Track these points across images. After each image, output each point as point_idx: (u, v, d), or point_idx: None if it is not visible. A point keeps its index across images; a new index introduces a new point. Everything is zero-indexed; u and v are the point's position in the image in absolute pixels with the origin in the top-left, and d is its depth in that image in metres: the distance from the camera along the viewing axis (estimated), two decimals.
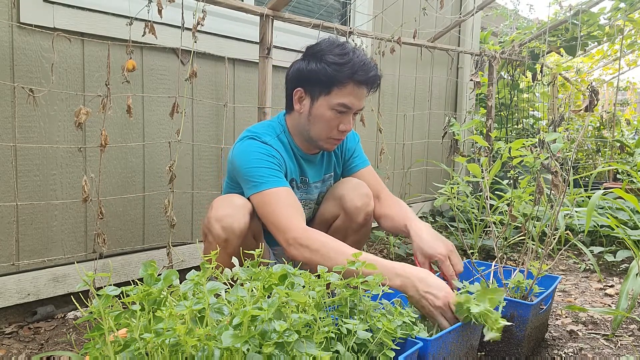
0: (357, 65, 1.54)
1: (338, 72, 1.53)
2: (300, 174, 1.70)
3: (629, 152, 4.07)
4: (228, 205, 1.49)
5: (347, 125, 1.58)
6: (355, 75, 1.53)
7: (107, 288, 0.87)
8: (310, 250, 1.33)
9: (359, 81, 1.55)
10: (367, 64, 1.57)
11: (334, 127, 1.58)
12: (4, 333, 1.69)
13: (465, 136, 3.72)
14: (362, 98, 1.59)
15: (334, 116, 1.57)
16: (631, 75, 25.04)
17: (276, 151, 1.58)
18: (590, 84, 1.65)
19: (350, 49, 1.58)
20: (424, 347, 1.09)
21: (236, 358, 0.80)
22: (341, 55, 1.55)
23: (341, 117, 1.58)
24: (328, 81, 1.54)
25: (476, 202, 2.88)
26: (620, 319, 1.70)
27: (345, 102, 1.55)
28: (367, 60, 1.58)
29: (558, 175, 1.48)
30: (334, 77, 1.53)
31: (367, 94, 1.61)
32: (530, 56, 3.85)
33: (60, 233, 1.85)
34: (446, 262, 1.51)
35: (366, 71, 1.55)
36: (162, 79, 2.08)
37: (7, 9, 1.66)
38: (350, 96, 1.55)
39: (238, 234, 1.46)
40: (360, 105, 1.59)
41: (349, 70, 1.53)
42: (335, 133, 1.60)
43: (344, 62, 1.53)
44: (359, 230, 1.70)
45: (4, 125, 1.69)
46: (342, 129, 1.59)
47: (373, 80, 1.59)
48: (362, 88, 1.57)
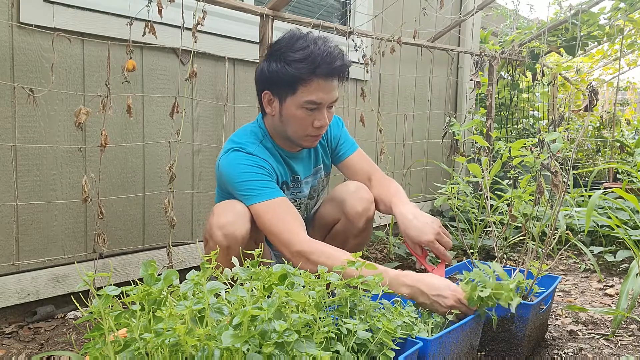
0: (318, 58, 1.46)
1: (299, 70, 1.46)
2: (291, 174, 1.68)
3: (629, 152, 4.07)
4: (230, 212, 1.47)
5: (321, 121, 1.53)
6: (318, 69, 1.46)
7: (107, 288, 0.87)
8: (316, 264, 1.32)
9: (324, 75, 1.47)
10: (330, 55, 1.48)
11: (309, 125, 1.54)
12: (4, 333, 1.69)
13: (465, 136, 3.72)
14: (331, 90, 1.52)
15: (305, 115, 1.52)
16: (631, 75, 25.05)
17: (263, 160, 1.55)
18: (589, 84, 1.65)
19: (310, 41, 1.50)
20: (424, 347, 1.09)
21: (236, 358, 0.80)
22: (300, 50, 1.48)
23: (313, 113, 1.52)
24: (291, 80, 1.48)
25: (476, 202, 2.88)
26: (620, 319, 1.70)
27: (313, 99, 1.49)
28: (331, 50, 1.49)
29: (558, 175, 1.48)
30: (296, 76, 1.47)
31: (339, 84, 1.54)
32: (530, 56, 3.85)
33: (60, 233, 1.85)
34: (436, 245, 1.53)
35: (329, 63, 1.47)
36: (162, 79, 2.08)
37: (7, 9, 1.66)
38: (318, 91, 1.49)
39: (240, 240, 1.44)
40: (331, 98, 1.53)
41: (310, 66, 1.46)
42: (311, 130, 1.55)
43: (303, 58, 1.46)
44: (359, 234, 1.70)
45: (4, 125, 1.69)
46: (317, 125, 1.54)
47: (339, 70, 1.51)
48: (329, 81, 1.50)
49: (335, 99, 1.55)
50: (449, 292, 1.26)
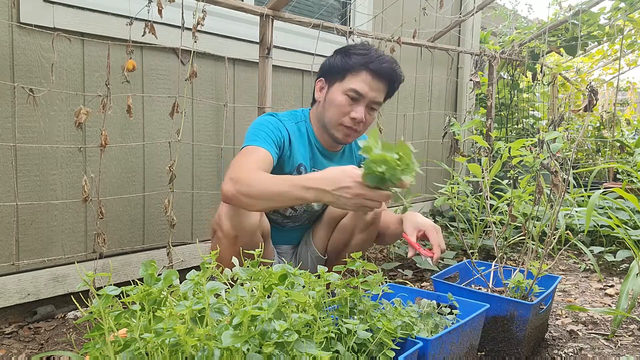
0: (372, 56, 1.60)
1: (353, 61, 1.61)
2: (312, 164, 1.72)
3: (629, 152, 4.07)
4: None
5: (358, 114, 1.60)
6: (369, 63, 1.59)
7: (107, 288, 0.87)
8: (248, 185, 1.34)
9: (372, 70, 1.59)
10: (384, 58, 1.62)
11: (345, 114, 1.61)
12: (4, 333, 1.69)
13: (465, 136, 3.72)
14: (376, 89, 1.61)
15: (345, 102, 1.61)
16: (631, 75, 25.04)
17: (285, 129, 1.63)
18: (589, 84, 1.65)
19: (374, 49, 1.65)
20: (423, 347, 1.09)
21: (236, 358, 0.80)
22: (362, 49, 1.63)
23: (353, 104, 1.61)
24: (344, 68, 1.62)
25: (476, 202, 2.88)
26: (620, 319, 1.70)
27: (356, 88, 1.59)
28: (387, 56, 1.64)
29: (558, 175, 1.48)
30: (349, 65, 1.61)
31: (385, 89, 1.64)
32: (530, 56, 3.85)
33: (60, 233, 1.85)
34: (433, 232, 1.57)
35: (380, 62, 1.60)
36: (162, 79, 2.08)
37: (7, 9, 1.66)
38: (362, 83, 1.59)
39: (248, 231, 1.48)
40: (373, 96, 1.61)
41: (362, 59, 1.60)
42: (346, 120, 1.62)
43: (361, 53, 1.61)
44: (365, 229, 1.71)
45: (4, 125, 1.69)
46: (353, 115, 1.61)
47: (387, 72, 1.61)
48: (376, 79, 1.60)
49: (378, 102, 1.63)
50: (349, 181, 1.21)
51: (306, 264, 1.81)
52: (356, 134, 1.67)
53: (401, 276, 2.40)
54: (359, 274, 1.13)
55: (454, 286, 1.56)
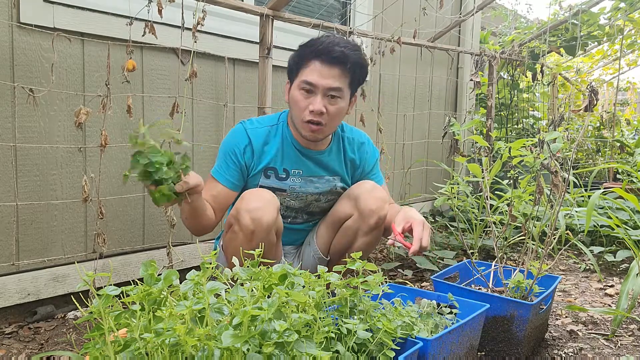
0: (322, 44, 1.56)
1: (302, 53, 1.59)
2: (289, 166, 1.70)
3: (629, 152, 4.07)
4: (258, 198, 1.53)
5: (315, 105, 1.56)
6: (317, 52, 1.56)
7: (107, 288, 0.87)
8: None
9: (321, 58, 1.56)
10: (333, 43, 1.56)
11: (305, 108, 1.59)
12: (4, 333, 1.69)
13: (465, 136, 3.72)
14: (329, 76, 1.57)
15: (301, 97, 1.59)
16: (631, 75, 25.04)
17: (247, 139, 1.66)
18: (589, 84, 1.65)
19: (329, 36, 1.60)
20: (423, 347, 1.09)
21: (236, 358, 0.80)
22: (314, 40, 1.60)
23: (309, 97, 1.58)
24: (297, 64, 1.61)
25: (476, 202, 2.88)
26: (620, 319, 1.70)
27: (307, 79, 1.57)
28: (338, 40, 1.57)
29: (558, 175, 1.48)
30: (300, 58, 1.60)
31: (342, 74, 1.58)
32: (530, 56, 3.85)
33: (60, 233, 1.85)
34: (419, 226, 1.51)
35: (329, 48, 1.55)
36: (162, 79, 2.08)
37: (7, 9, 1.66)
38: (313, 73, 1.56)
39: (265, 227, 1.48)
40: (326, 84, 1.56)
41: (311, 49, 1.58)
42: (307, 114, 1.59)
43: (310, 44, 1.59)
44: (369, 232, 1.70)
45: (4, 125, 1.69)
46: (311, 108, 1.57)
47: (337, 56, 1.55)
48: (327, 65, 1.56)
49: (335, 88, 1.58)
50: None
51: (308, 265, 1.80)
52: (322, 127, 1.62)
53: (401, 276, 2.40)
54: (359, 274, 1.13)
55: (454, 286, 1.56)
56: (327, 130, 1.65)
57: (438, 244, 2.83)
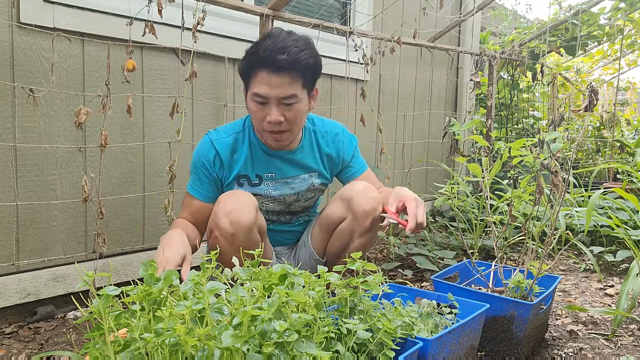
0: (266, 51, 1.46)
1: (248, 62, 1.51)
2: (260, 171, 1.67)
3: (629, 152, 4.07)
4: (235, 200, 1.51)
5: (272, 116, 1.50)
6: (261, 61, 1.46)
7: (107, 288, 0.87)
8: None
9: (267, 67, 1.46)
10: (278, 49, 1.45)
11: (262, 119, 1.53)
12: (4, 333, 1.69)
13: (465, 136, 3.72)
14: (280, 85, 1.47)
15: (257, 108, 1.53)
16: (631, 75, 25.05)
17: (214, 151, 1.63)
18: (589, 84, 1.65)
19: (272, 37, 1.49)
20: (423, 347, 1.09)
21: (236, 358, 0.80)
22: (254, 46, 1.51)
23: (264, 108, 1.52)
24: (245, 74, 1.54)
25: (476, 202, 2.88)
26: (620, 319, 1.70)
27: (257, 91, 1.49)
28: (282, 44, 1.46)
29: (558, 175, 1.48)
30: (246, 69, 1.52)
31: (293, 79, 1.48)
32: (530, 56, 3.85)
33: (60, 233, 1.85)
34: (413, 203, 1.50)
35: (274, 56, 1.44)
36: (162, 79, 2.08)
37: (7, 9, 1.66)
38: (262, 84, 1.48)
39: (245, 227, 1.47)
40: (278, 94, 1.48)
41: (253, 59, 1.49)
42: (266, 125, 1.54)
43: (253, 52, 1.50)
44: (364, 234, 1.66)
45: (4, 125, 1.69)
46: (268, 120, 1.51)
47: (283, 64, 1.45)
48: (274, 74, 1.46)
49: (289, 95, 1.50)
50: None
51: (305, 266, 1.80)
52: (286, 134, 1.57)
53: (401, 276, 2.40)
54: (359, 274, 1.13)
55: (454, 286, 1.56)
56: (291, 134, 1.60)
57: (438, 244, 2.83)
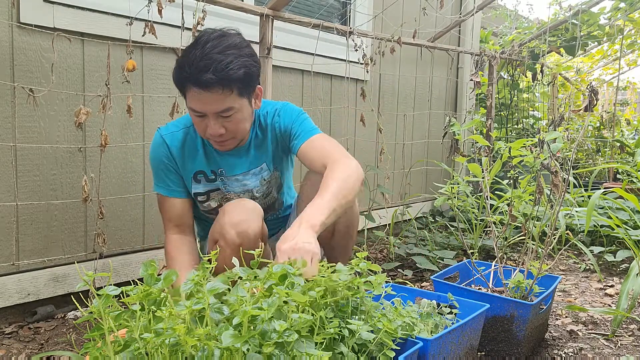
0: (191, 67, 1.37)
1: (178, 76, 1.43)
2: (214, 166, 1.61)
3: (629, 152, 4.07)
4: (242, 210, 1.45)
5: (212, 129, 1.44)
6: (189, 78, 1.38)
7: (107, 288, 0.87)
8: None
9: (195, 84, 1.37)
10: (204, 66, 1.36)
11: (203, 130, 1.47)
12: (4, 333, 1.69)
13: (466, 136, 3.72)
14: (212, 102, 1.39)
15: (196, 120, 1.46)
16: (631, 75, 25.04)
17: (165, 148, 1.55)
18: (589, 84, 1.65)
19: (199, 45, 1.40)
20: (424, 347, 1.09)
21: (236, 358, 0.80)
22: (184, 55, 1.41)
23: (202, 120, 1.45)
24: (177, 86, 1.46)
25: (476, 202, 2.88)
26: (620, 319, 1.70)
27: (192, 107, 1.43)
28: (208, 60, 1.36)
29: (558, 175, 1.48)
30: (177, 81, 1.44)
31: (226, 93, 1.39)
32: (530, 56, 3.85)
33: (60, 233, 1.85)
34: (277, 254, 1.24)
35: (197, 73, 1.36)
36: (162, 78, 2.08)
37: (7, 9, 1.66)
38: (194, 100, 1.41)
39: (252, 238, 1.42)
40: (213, 109, 1.41)
41: (180, 75, 1.41)
42: (208, 135, 1.48)
43: (180, 65, 1.42)
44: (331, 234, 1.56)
45: (4, 125, 1.69)
46: (209, 132, 1.45)
47: (211, 82, 1.36)
48: (205, 91, 1.37)
49: (225, 108, 1.42)
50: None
51: None
52: (230, 141, 1.51)
53: (401, 276, 2.40)
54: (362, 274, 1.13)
55: (454, 286, 1.56)
56: (236, 140, 1.53)
57: (438, 244, 2.83)
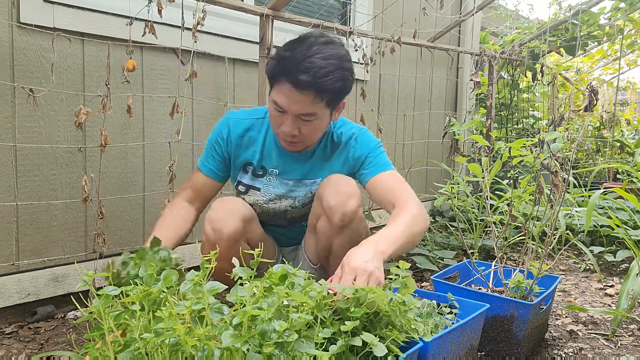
0: (293, 62, 1.38)
1: (275, 67, 1.44)
2: (270, 165, 1.62)
3: (629, 152, 4.07)
4: (222, 208, 1.50)
5: (286, 128, 1.45)
6: (286, 73, 1.39)
7: (107, 288, 0.87)
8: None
9: (291, 80, 1.38)
10: (306, 68, 1.36)
11: (277, 125, 1.49)
12: (4, 333, 1.69)
13: (465, 136, 3.72)
14: (298, 101, 1.40)
15: (275, 113, 1.47)
16: (631, 75, 25.02)
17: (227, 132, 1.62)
18: (589, 84, 1.65)
19: (304, 45, 1.41)
20: (424, 347, 1.09)
21: (236, 358, 0.80)
22: (288, 49, 1.43)
23: (281, 116, 1.46)
24: (270, 75, 1.47)
25: (476, 202, 2.88)
26: (620, 319, 1.70)
27: (276, 100, 1.44)
28: (310, 63, 1.36)
29: (558, 175, 1.48)
30: (272, 71, 1.45)
31: (314, 100, 1.40)
32: (530, 56, 3.85)
33: (60, 233, 1.85)
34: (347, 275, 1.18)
35: (299, 71, 1.36)
36: (162, 79, 2.08)
37: (7, 9, 1.66)
38: (282, 95, 1.42)
39: (226, 238, 1.44)
40: (296, 110, 1.42)
41: (281, 66, 1.41)
42: (280, 131, 1.49)
43: (282, 57, 1.42)
44: (339, 233, 1.49)
45: (4, 125, 1.69)
46: (283, 129, 1.46)
47: (307, 85, 1.36)
48: (297, 90, 1.38)
49: (307, 113, 1.43)
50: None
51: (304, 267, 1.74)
52: (299, 144, 1.52)
53: None
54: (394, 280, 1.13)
55: (454, 286, 1.56)
56: (305, 144, 1.55)
57: (438, 244, 2.83)
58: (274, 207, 1.65)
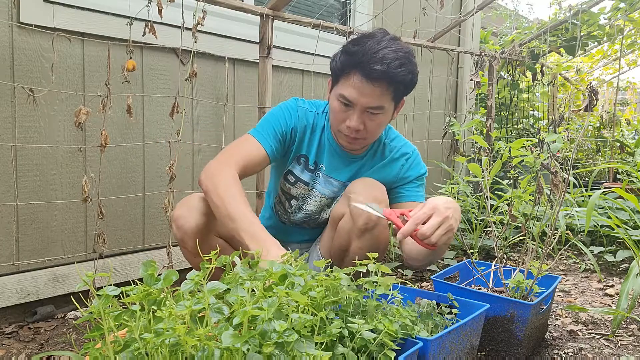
0: (366, 54, 1.38)
1: (343, 61, 1.44)
2: (322, 160, 1.62)
3: (629, 152, 4.07)
4: (184, 205, 1.50)
5: (352, 122, 1.45)
6: (359, 64, 1.39)
7: (107, 288, 0.87)
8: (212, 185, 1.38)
9: (362, 72, 1.39)
10: (378, 56, 1.37)
11: (341, 121, 1.49)
12: (4, 333, 1.69)
13: (465, 136, 3.72)
14: (369, 94, 1.41)
15: (339, 108, 1.47)
16: (631, 75, 25.06)
17: (297, 117, 1.58)
18: (589, 84, 1.65)
19: (374, 40, 1.42)
20: (423, 347, 1.09)
21: (236, 358, 0.80)
22: (358, 44, 1.43)
23: (347, 110, 1.46)
24: (338, 69, 1.47)
25: (476, 202, 2.88)
26: (620, 319, 1.70)
27: (344, 94, 1.43)
28: (383, 53, 1.38)
29: (558, 175, 1.48)
30: (341, 65, 1.45)
31: (384, 92, 1.42)
32: (530, 56, 3.85)
33: (60, 233, 1.85)
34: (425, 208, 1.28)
35: (373, 62, 1.37)
36: (162, 79, 2.08)
37: (7, 9, 1.66)
38: (351, 88, 1.42)
39: (190, 234, 1.45)
40: (365, 102, 1.43)
41: (353, 59, 1.41)
42: (343, 127, 1.49)
43: (353, 51, 1.42)
44: (361, 235, 1.49)
45: (4, 125, 1.69)
46: (348, 124, 1.47)
47: (380, 76, 1.38)
48: (368, 82, 1.39)
49: (376, 106, 1.44)
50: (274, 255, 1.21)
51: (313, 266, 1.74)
52: (360, 141, 1.52)
53: (401, 276, 2.40)
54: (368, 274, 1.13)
55: (454, 286, 1.56)
56: (366, 142, 1.56)
57: None
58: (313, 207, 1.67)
